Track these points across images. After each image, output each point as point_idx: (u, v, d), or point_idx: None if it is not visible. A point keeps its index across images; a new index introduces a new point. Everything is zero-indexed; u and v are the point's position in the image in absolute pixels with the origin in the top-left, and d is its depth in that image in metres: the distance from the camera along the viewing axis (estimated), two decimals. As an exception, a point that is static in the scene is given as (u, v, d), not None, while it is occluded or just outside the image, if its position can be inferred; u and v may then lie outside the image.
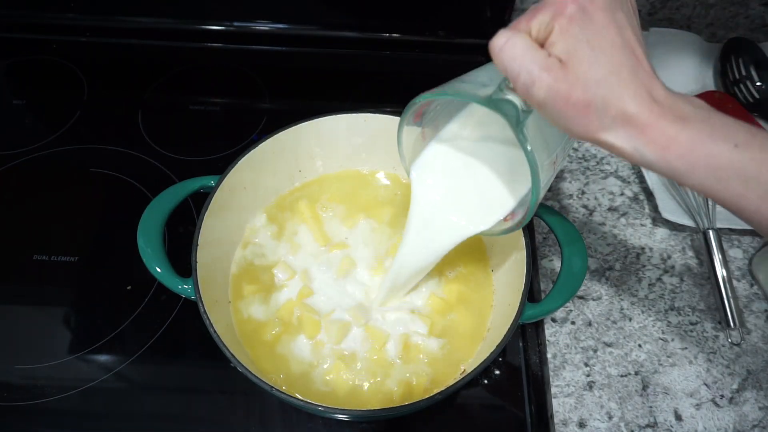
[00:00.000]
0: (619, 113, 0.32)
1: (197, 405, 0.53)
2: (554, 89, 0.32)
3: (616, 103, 0.32)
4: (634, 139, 0.33)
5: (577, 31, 0.32)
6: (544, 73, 0.32)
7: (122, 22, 0.82)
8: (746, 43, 0.72)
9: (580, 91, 0.32)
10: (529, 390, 0.55)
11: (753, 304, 0.58)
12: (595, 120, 0.33)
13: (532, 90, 0.33)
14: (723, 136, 0.32)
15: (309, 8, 0.80)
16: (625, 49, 0.33)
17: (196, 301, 0.47)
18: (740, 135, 0.32)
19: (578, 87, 0.32)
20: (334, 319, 0.53)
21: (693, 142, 0.32)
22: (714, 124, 0.33)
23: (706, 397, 0.52)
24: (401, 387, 0.50)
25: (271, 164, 0.59)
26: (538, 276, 0.60)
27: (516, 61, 0.33)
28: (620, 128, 0.33)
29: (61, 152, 0.70)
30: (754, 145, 0.32)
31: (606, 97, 0.32)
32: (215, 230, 0.53)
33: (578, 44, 0.32)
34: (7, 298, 0.59)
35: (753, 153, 0.32)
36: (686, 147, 0.32)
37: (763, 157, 0.32)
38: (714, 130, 0.32)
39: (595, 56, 0.32)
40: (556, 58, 0.32)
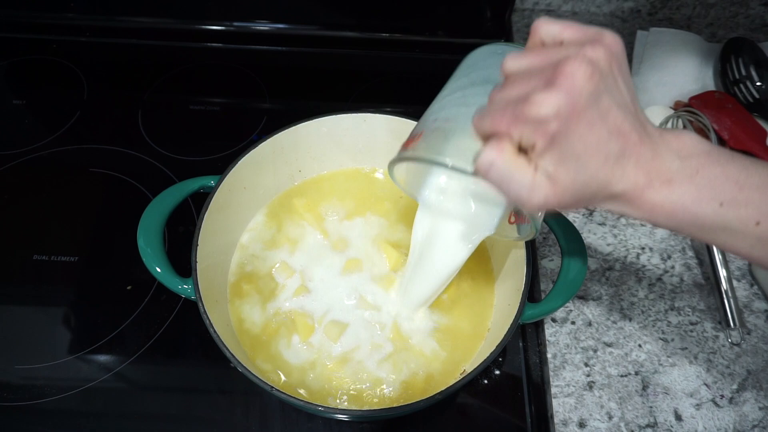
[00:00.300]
0: (608, 195, 0.34)
1: (197, 405, 0.53)
2: (545, 202, 0.33)
3: (604, 191, 0.33)
4: (623, 207, 0.34)
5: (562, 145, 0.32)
6: (533, 192, 0.33)
7: (122, 22, 0.82)
8: (746, 43, 0.72)
9: (568, 198, 0.33)
10: (529, 390, 0.55)
11: (753, 304, 0.58)
12: (584, 204, 0.35)
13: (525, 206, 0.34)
14: (708, 196, 0.33)
15: (309, 8, 0.80)
16: (611, 136, 0.32)
17: (196, 301, 0.47)
18: (726, 192, 0.33)
19: (567, 195, 0.33)
20: (332, 319, 0.53)
21: (677, 206, 0.33)
22: (700, 183, 0.33)
23: (706, 397, 0.52)
24: (401, 387, 0.50)
25: (271, 164, 0.59)
26: (538, 276, 0.60)
27: (505, 183, 0.33)
28: (610, 202, 0.34)
29: (60, 152, 0.70)
30: (740, 201, 0.33)
31: (594, 190, 0.33)
32: (215, 230, 0.53)
33: (563, 157, 0.32)
34: (7, 298, 0.59)
35: (738, 210, 0.33)
36: (671, 210, 0.33)
37: (749, 214, 0.33)
38: (699, 190, 0.33)
39: (581, 162, 0.32)
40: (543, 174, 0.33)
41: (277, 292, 0.55)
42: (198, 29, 0.82)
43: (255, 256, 0.57)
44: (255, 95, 0.77)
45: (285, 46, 0.82)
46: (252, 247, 0.58)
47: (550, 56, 0.32)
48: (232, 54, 0.81)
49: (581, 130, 0.31)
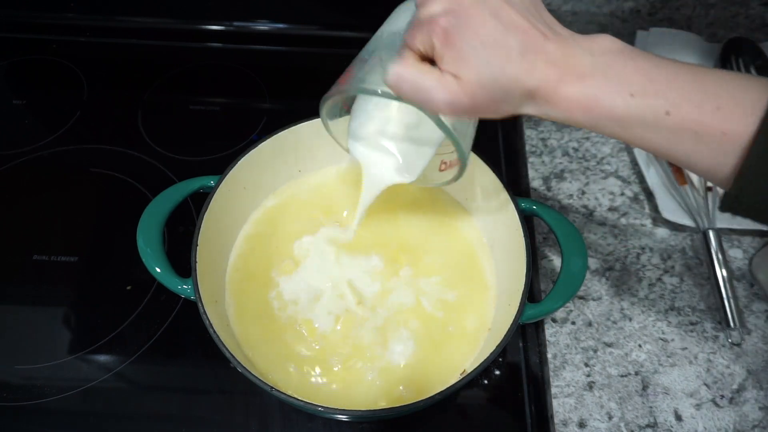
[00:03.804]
0: (522, 92, 0.34)
1: (197, 405, 0.53)
2: (457, 104, 0.34)
3: (516, 86, 0.34)
4: (542, 107, 0.35)
5: (456, 40, 0.33)
6: (441, 95, 0.34)
7: (122, 22, 0.82)
8: (746, 43, 0.72)
9: (480, 95, 0.34)
10: (529, 390, 0.55)
11: (753, 304, 0.58)
12: (504, 106, 0.35)
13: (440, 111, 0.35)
14: (619, 88, 0.34)
15: (309, 8, 0.80)
16: (508, 31, 0.33)
17: (196, 301, 0.47)
18: (636, 84, 0.34)
19: (477, 92, 0.34)
20: (333, 319, 0.53)
21: (591, 99, 0.34)
22: (611, 76, 0.34)
23: (706, 398, 0.52)
24: (401, 387, 0.50)
25: (271, 164, 0.59)
26: (538, 276, 0.60)
27: (414, 93, 0.34)
28: (528, 102, 0.35)
29: (61, 152, 0.70)
30: (649, 91, 0.33)
31: (505, 86, 0.34)
32: (215, 230, 0.53)
33: (461, 53, 0.33)
34: (7, 298, 0.59)
35: (648, 100, 0.33)
36: (586, 104, 0.34)
37: (659, 104, 0.33)
38: (609, 81, 0.34)
39: (481, 57, 0.33)
40: (449, 74, 0.34)
41: (278, 292, 0.55)
42: (198, 29, 0.82)
43: (255, 256, 0.57)
44: (255, 95, 0.77)
45: (285, 46, 0.82)
46: (252, 247, 0.58)
47: None
48: (232, 54, 0.81)
49: (472, 25, 0.33)
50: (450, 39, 0.33)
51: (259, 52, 0.82)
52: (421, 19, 0.34)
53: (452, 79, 0.34)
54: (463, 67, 0.33)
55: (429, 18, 0.34)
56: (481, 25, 0.33)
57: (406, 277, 0.56)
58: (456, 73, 0.34)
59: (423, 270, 0.57)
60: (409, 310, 0.54)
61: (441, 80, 0.34)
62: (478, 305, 0.55)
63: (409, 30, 0.35)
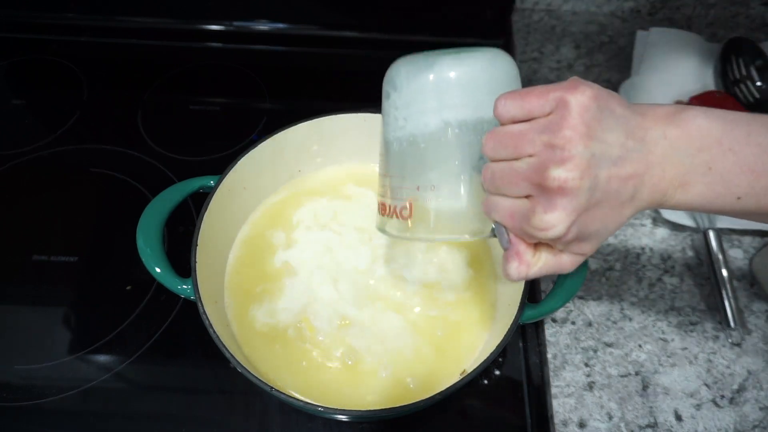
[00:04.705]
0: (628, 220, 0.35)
1: (197, 405, 0.53)
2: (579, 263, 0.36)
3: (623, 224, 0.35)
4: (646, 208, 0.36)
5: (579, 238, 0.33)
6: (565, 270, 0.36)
7: (122, 22, 0.82)
8: (747, 43, 0.72)
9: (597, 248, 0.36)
10: (529, 390, 0.55)
11: (753, 304, 0.58)
12: None
13: None
14: (723, 192, 0.33)
15: (309, 8, 0.80)
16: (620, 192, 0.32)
17: (196, 301, 0.47)
18: (742, 186, 0.33)
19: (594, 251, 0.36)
20: (334, 318, 0.53)
21: (696, 206, 0.34)
22: (713, 181, 0.33)
23: (707, 398, 0.52)
24: (401, 387, 0.50)
25: (271, 164, 0.59)
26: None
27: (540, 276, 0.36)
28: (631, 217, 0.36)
29: (60, 152, 0.70)
30: (758, 191, 0.33)
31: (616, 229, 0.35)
32: (215, 230, 0.53)
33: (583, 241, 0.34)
34: (7, 298, 0.59)
35: (758, 200, 0.33)
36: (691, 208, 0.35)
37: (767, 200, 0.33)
38: (714, 189, 0.33)
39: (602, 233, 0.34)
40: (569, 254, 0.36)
41: (278, 292, 0.55)
42: (198, 29, 0.82)
43: (255, 257, 0.57)
44: (255, 95, 0.77)
45: (285, 46, 0.82)
46: (252, 247, 0.58)
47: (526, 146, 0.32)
48: (232, 54, 0.81)
49: (592, 217, 0.32)
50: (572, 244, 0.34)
51: (259, 52, 0.82)
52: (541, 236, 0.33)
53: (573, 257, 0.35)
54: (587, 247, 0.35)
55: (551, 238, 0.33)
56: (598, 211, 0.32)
57: (405, 278, 0.56)
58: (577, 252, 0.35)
59: (423, 271, 0.57)
60: (408, 309, 0.54)
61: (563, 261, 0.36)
62: (478, 305, 0.55)
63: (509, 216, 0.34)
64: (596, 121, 0.31)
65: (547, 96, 0.32)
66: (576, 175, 0.30)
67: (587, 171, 0.31)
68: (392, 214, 0.41)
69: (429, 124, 0.38)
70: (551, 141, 0.31)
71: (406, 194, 0.40)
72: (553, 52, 0.80)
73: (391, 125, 0.41)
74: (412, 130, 0.39)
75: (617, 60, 0.79)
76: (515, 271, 0.35)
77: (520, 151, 0.32)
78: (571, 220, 0.31)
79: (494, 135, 0.34)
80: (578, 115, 0.31)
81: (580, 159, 0.30)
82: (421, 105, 0.39)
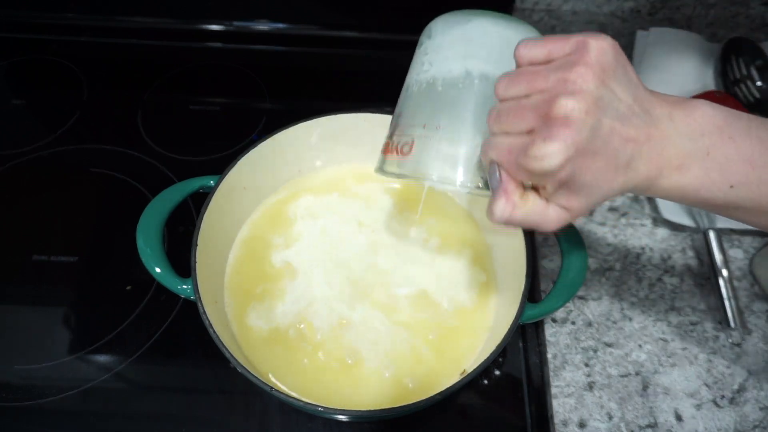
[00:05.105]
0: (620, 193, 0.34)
1: (197, 405, 0.53)
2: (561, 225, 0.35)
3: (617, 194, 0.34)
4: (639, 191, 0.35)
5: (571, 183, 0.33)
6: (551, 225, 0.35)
7: (122, 22, 0.82)
8: (747, 43, 0.72)
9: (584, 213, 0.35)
10: (529, 390, 0.55)
11: (753, 304, 0.58)
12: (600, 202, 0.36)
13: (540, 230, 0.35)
14: (718, 179, 0.33)
15: (309, 8, 0.80)
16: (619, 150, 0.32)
17: (196, 301, 0.47)
18: (737, 173, 0.33)
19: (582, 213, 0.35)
20: (334, 319, 0.53)
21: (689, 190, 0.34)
22: (710, 166, 0.33)
23: (707, 398, 0.52)
24: (401, 387, 0.50)
25: (271, 164, 0.59)
26: (538, 276, 0.60)
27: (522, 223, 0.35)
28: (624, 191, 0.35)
29: (60, 152, 0.70)
30: (752, 180, 0.33)
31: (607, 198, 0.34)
32: (215, 230, 0.53)
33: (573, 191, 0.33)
34: (7, 298, 0.59)
35: (749, 189, 0.33)
36: (683, 193, 0.34)
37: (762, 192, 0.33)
38: (710, 174, 0.33)
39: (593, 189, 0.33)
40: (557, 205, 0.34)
41: (278, 292, 0.55)
42: (198, 29, 0.82)
43: (255, 256, 0.57)
44: (255, 95, 0.77)
45: (285, 46, 0.82)
46: (252, 247, 0.58)
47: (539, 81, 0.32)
48: (232, 54, 0.81)
49: (587, 164, 0.32)
50: (564, 185, 0.33)
51: (259, 52, 0.82)
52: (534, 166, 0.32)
53: (560, 211, 0.34)
54: (574, 200, 0.34)
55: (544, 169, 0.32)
56: (594, 160, 0.32)
57: (406, 276, 0.56)
58: (566, 206, 0.34)
59: (423, 270, 0.57)
60: (409, 309, 0.54)
61: (549, 212, 0.34)
62: (478, 305, 0.55)
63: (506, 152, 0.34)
64: (611, 70, 0.31)
65: (568, 39, 0.32)
66: (582, 107, 0.30)
67: (593, 109, 0.30)
68: (394, 150, 0.42)
69: (452, 70, 0.40)
70: (565, 76, 0.31)
71: (412, 131, 0.41)
72: (553, 52, 0.80)
73: (416, 69, 0.42)
74: (435, 73, 0.41)
75: (617, 60, 0.79)
76: (500, 209, 0.34)
77: (533, 87, 0.32)
78: (569, 154, 0.31)
79: (509, 74, 0.34)
80: (596, 57, 0.31)
81: (589, 95, 0.30)
82: (448, 51, 0.41)
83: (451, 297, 0.55)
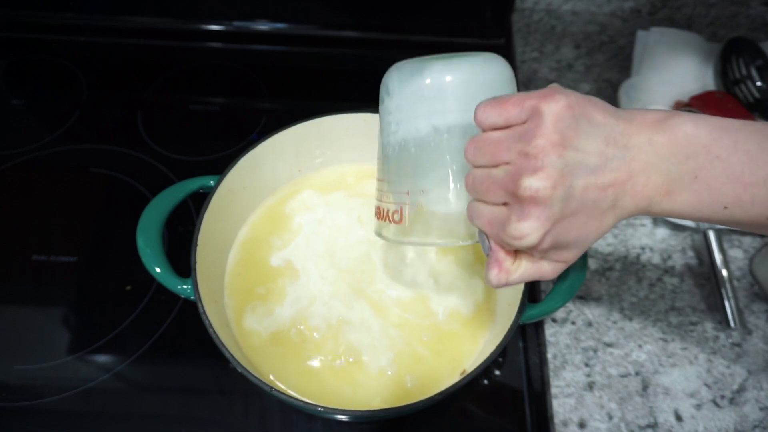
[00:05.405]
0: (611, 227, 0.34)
1: (196, 405, 0.53)
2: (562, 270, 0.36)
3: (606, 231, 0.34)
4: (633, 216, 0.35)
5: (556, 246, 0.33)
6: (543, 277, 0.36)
7: (122, 22, 0.82)
8: (747, 43, 0.72)
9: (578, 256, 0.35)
10: (529, 390, 0.55)
11: (753, 304, 0.58)
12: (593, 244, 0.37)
13: None
14: (709, 201, 0.33)
15: (309, 8, 0.80)
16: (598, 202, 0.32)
17: (196, 301, 0.47)
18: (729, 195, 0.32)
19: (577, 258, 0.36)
20: (334, 319, 0.53)
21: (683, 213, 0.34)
22: (699, 190, 0.32)
23: (707, 398, 0.52)
24: (401, 387, 0.50)
25: (271, 164, 0.58)
26: (538, 276, 0.60)
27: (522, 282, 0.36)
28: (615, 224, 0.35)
29: (60, 152, 0.70)
30: (744, 200, 0.32)
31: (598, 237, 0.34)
32: (215, 230, 0.53)
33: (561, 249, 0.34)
34: (6, 298, 0.59)
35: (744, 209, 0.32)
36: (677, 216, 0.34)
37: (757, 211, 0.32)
38: (699, 197, 0.32)
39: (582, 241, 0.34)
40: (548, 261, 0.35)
41: (278, 292, 0.55)
42: (198, 29, 0.82)
43: (255, 256, 0.57)
44: (255, 95, 0.77)
45: (285, 46, 0.82)
46: (252, 247, 0.58)
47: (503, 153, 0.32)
48: (232, 54, 0.81)
49: (569, 226, 0.32)
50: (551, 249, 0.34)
51: (259, 52, 0.82)
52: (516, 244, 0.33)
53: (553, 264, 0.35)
54: (566, 255, 0.35)
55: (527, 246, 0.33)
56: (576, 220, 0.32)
57: (406, 276, 0.56)
58: (557, 259, 0.35)
59: (423, 270, 0.57)
60: (409, 309, 0.54)
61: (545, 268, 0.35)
62: (478, 305, 0.55)
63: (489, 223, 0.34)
64: (571, 130, 0.31)
65: (522, 104, 0.32)
66: (548, 185, 0.30)
67: (560, 181, 0.31)
68: (386, 218, 0.42)
69: (419, 129, 0.39)
70: (524, 150, 0.31)
71: (398, 198, 0.40)
72: (553, 52, 0.80)
73: (385, 130, 0.41)
74: (404, 135, 0.40)
75: (617, 60, 0.79)
76: (495, 278, 0.35)
77: (498, 159, 0.33)
78: (545, 229, 0.31)
79: (475, 141, 0.34)
80: (551, 125, 0.31)
81: (552, 169, 0.30)
82: (411, 110, 0.39)
83: (451, 297, 0.55)
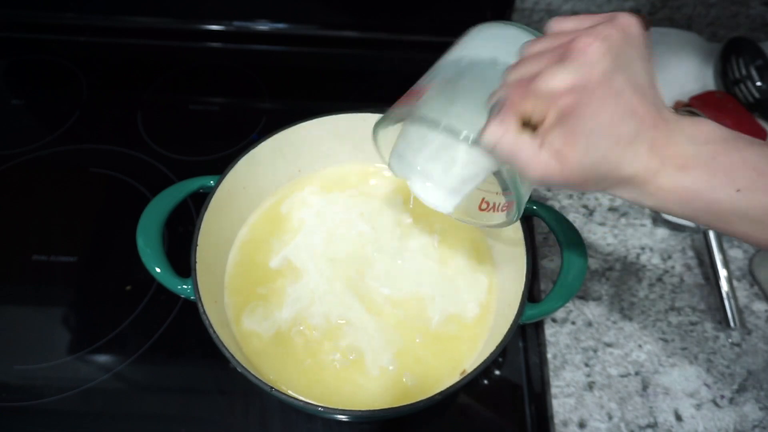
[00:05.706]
0: (619, 178, 0.33)
1: (197, 405, 0.53)
2: (548, 179, 0.33)
3: (614, 173, 0.32)
4: (634, 193, 0.33)
5: (572, 120, 0.31)
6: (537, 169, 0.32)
7: (122, 22, 0.82)
8: (747, 43, 0.72)
9: (575, 176, 0.32)
10: (529, 390, 0.55)
11: (753, 304, 0.58)
12: (594, 186, 0.34)
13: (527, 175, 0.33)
14: (724, 181, 0.32)
15: (309, 8, 0.80)
16: (625, 117, 0.31)
17: (196, 301, 0.47)
18: (744, 178, 0.31)
19: (573, 173, 0.32)
20: (334, 319, 0.53)
21: (691, 192, 0.32)
22: (716, 169, 0.32)
23: (707, 398, 0.52)
24: (401, 387, 0.50)
25: (271, 164, 0.58)
26: (538, 276, 0.60)
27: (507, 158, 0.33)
28: (621, 187, 0.33)
29: (60, 152, 0.70)
30: (759, 186, 0.31)
31: (603, 171, 0.32)
32: (215, 230, 0.53)
33: (573, 133, 0.32)
34: (6, 298, 0.59)
35: (757, 197, 0.31)
36: (684, 196, 0.32)
37: None
38: (715, 175, 0.32)
39: (591, 141, 0.32)
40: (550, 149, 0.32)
41: (278, 292, 0.55)
42: (198, 29, 0.82)
43: (255, 256, 0.57)
44: (255, 95, 0.77)
45: (285, 46, 0.82)
46: (252, 247, 0.58)
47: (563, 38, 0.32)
48: (232, 54, 0.81)
49: (594, 107, 0.31)
50: (566, 118, 0.31)
51: (259, 52, 0.82)
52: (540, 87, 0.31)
53: (552, 157, 0.32)
54: (569, 147, 0.32)
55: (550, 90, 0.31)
56: (601, 108, 0.31)
57: (407, 277, 0.56)
58: (559, 151, 0.32)
59: (423, 270, 0.57)
60: (409, 308, 0.54)
61: (540, 155, 0.32)
62: (477, 305, 0.55)
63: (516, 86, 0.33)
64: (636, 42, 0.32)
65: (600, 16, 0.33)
66: (601, 49, 0.30)
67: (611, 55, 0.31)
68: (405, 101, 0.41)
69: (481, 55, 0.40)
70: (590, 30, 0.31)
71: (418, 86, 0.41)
72: (553, 52, 0.80)
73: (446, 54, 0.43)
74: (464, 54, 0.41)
75: (617, 60, 0.79)
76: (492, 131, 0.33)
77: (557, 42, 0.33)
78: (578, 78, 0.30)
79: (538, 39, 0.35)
80: (624, 24, 0.31)
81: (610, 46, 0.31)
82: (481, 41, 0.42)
83: (451, 297, 0.55)
